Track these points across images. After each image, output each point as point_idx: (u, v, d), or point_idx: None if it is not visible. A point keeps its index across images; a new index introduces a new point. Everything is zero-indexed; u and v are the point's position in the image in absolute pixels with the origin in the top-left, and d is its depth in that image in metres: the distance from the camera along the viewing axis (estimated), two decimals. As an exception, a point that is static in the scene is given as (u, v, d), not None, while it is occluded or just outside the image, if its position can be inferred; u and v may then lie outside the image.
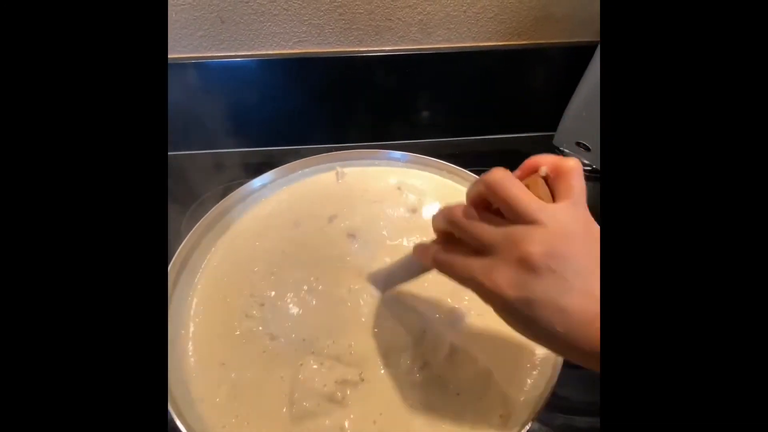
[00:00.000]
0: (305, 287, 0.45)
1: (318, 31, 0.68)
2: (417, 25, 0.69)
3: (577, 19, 0.71)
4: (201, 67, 0.69)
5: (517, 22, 0.70)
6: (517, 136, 0.80)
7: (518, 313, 0.27)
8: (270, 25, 0.67)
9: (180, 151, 0.75)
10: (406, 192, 0.55)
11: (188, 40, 0.68)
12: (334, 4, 0.65)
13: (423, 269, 0.37)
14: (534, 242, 0.26)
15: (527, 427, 0.34)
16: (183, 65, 0.69)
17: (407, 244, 0.48)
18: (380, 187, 0.55)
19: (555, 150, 0.78)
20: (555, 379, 0.36)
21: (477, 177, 0.30)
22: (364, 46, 0.70)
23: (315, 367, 0.38)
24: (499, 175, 0.29)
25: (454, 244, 0.32)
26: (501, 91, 0.76)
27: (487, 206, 0.30)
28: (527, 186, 0.29)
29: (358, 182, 0.57)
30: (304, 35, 0.69)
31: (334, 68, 0.71)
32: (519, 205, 0.28)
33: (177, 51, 0.68)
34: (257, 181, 0.54)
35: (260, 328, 0.42)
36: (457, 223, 0.31)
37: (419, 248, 0.35)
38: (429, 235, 0.35)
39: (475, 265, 0.29)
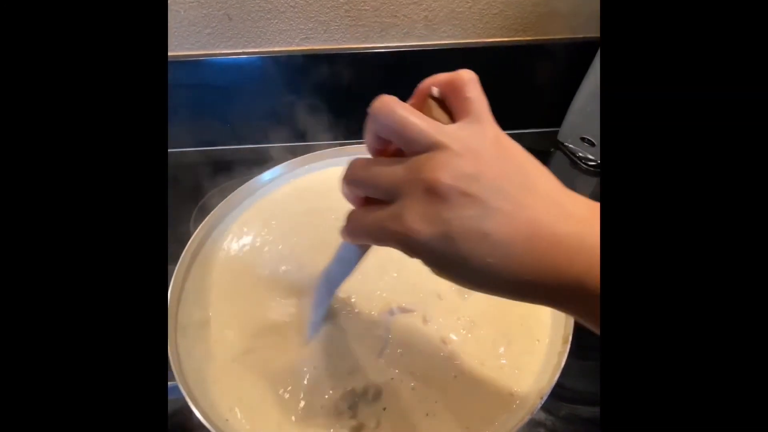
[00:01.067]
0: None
1: (324, 27, 0.69)
2: (422, 21, 0.70)
3: (582, 14, 0.71)
4: (209, 64, 0.70)
5: (522, 17, 0.71)
6: (522, 131, 0.80)
7: (441, 255, 0.23)
8: (277, 22, 0.68)
9: (188, 147, 0.76)
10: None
11: (196, 38, 0.68)
12: (340, 1, 0.66)
13: (358, 252, 0.33)
14: (438, 167, 0.23)
15: (533, 413, 0.35)
16: (191, 62, 0.70)
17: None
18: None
19: (560, 146, 0.79)
20: (560, 367, 0.37)
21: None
22: (370, 43, 0.71)
23: (326, 392, 0.37)
24: (382, 100, 0.25)
25: (364, 206, 0.27)
26: (505, 86, 0.76)
27: (389, 151, 0.27)
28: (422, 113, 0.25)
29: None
30: (310, 32, 0.69)
31: (340, 64, 0.71)
32: (412, 130, 0.24)
33: (185, 48, 0.69)
34: (266, 175, 0.55)
35: (283, 319, 0.42)
36: (355, 178, 0.27)
37: (342, 229, 0.30)
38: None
39: (384, 214, 0.24)
